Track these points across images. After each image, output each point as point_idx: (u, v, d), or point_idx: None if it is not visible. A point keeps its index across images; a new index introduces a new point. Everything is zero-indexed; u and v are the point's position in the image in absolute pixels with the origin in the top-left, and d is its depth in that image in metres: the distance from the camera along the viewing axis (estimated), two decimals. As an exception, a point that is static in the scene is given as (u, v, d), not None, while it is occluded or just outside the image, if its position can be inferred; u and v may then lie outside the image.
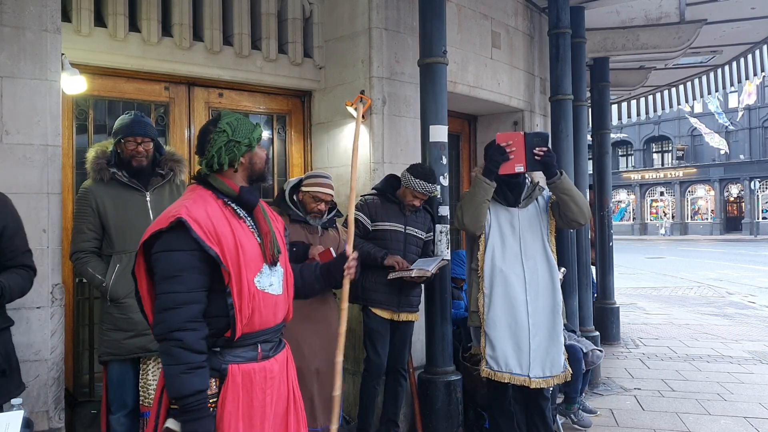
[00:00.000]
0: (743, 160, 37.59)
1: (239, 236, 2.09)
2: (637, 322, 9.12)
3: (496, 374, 3.60)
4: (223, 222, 2.08)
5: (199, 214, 2.03)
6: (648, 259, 20.93)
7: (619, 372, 6.24)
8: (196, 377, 1.96)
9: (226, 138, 2.15)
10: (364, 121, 4.52)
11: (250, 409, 2.10)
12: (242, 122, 2.20)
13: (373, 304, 3.98)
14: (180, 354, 1.95)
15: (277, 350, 2.24)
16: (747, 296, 12.01)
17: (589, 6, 6.18)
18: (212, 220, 2.05)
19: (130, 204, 3.22)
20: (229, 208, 2.14)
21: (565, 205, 3.59)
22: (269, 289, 2.15)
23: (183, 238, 1.99)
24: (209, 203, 2.11)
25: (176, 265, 1.99)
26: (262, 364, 2.14)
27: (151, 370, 3.20)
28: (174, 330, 1.95)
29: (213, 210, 2.09)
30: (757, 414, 4.93)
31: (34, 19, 3.28)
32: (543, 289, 3.65)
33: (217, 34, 4.37)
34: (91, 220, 3.20)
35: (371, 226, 3.99)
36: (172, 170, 3.37)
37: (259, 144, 2.22)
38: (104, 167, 3.22)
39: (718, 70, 9.39)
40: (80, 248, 3.21)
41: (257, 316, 2.11)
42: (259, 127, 2.24)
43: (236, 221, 2.13)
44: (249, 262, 2.08)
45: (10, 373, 2.65)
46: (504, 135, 3.55)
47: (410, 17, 4.70)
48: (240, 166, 2.19)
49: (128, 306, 3.13)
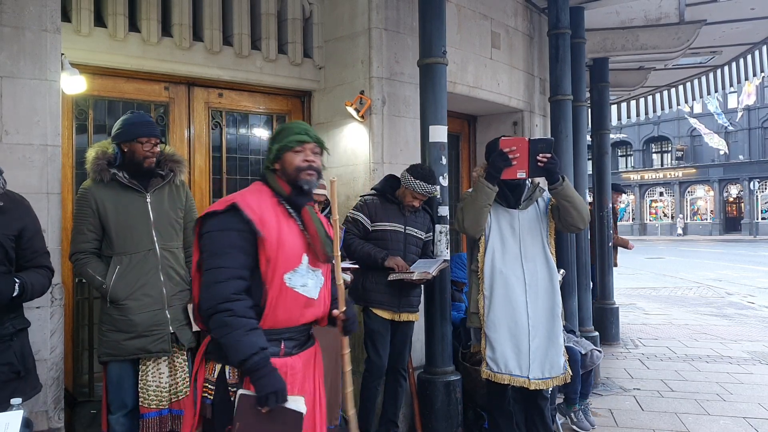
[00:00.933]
0: (742, 161, 37.62)
1: (283, 231, 2.21)
2: (637, 323, 9.12)
3: (496, 376, 3.60)
4: (271, 215, 2.21)
5: (253, 202, 2.20)
6: (647, 260, 20.95)
7: (619, 372, 6.24)
8: (255, 336, 2.07)
9: (272, 143, 2.33)
10: (363, 121, 4.53)
11: None
12: (288, 127, 2.35)
13: (374, 305, 3.98)
14: (233, 321, 2.07)
15: (302, 348, 2.30)
16: (746, 296, 12.01)
17: (588, 6, 6.18)
18: (262, 210, 2.19)
19: (130, 206, 3.19)
20: (282, 207, 2.27)
21: (565, 210, 3.58)
22: (301, 288, 2.23)
23: (235, 219, 2.14)
24: (264, 197, 2.26)
25: (224, 243, 2.14)
26: (284, 360, 2.20)
27: (151, 372, 3.19)
28: (222, 302, 2.08)
29: (265, 203, 2.24)
30: (756, 414, 4.93)
31: (33, 19, 3.28)
32: (542, 290, 3.65)
33: (217, 34, 4.37)
34: (91, 221, 3.17)
35: (371, 227, 4.00)
36: (171, 171, 3.34)
37: (293, 150, 2.28)
38: (105, 168, 3.18)
39: (717, 71, 9.39)
40: (80, 249, 3.19)
41: (282, 312, 2.20)
42: (293, 136, 2.30)
43: (285, 218, 2.26)
44: (286, 257, 2.20)
45: (26, 374, 2.67)
46: (508, 140, 3.52)
47: (410, 17, 4.70)
48: (278, 171, 2.31)
49: (128, 308, 3.12)
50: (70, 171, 3.93)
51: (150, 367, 3.20)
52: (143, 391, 3.18)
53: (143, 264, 3.16)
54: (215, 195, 4.56)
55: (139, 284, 3.14)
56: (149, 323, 3.13)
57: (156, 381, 3.19)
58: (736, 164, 37.87)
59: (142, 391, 3.18)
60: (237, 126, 4.78)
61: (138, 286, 3.14)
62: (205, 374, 2.23)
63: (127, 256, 3.16)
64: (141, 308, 3.13)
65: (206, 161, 4.52)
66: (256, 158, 4.84)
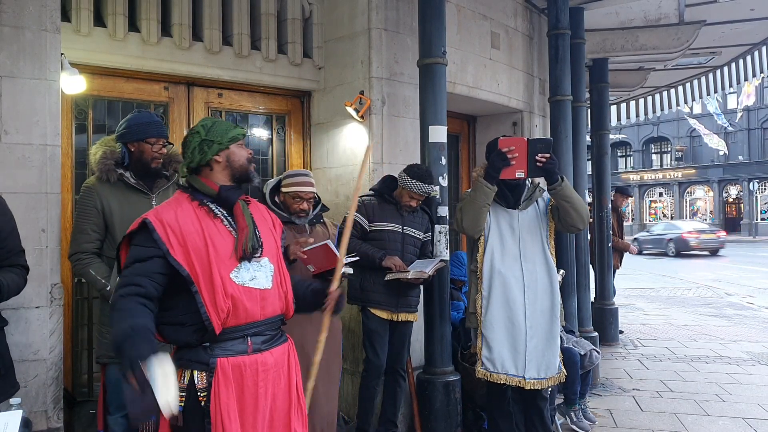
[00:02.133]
0: (742, 161, 37.62)
1: (210, 234, 2.16)
2: (636, 323, 9.12)
3: (492, 375, 3.61)
4: (191, 222, 2.16)
5: (167, 216, 2.14)
6: (647, 260, 20.93)
7: (618, 372, 6.25)
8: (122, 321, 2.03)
9: (200, 138, 2.24)
10: (363, 121, 4.53)
11: (242, 401, 2.13)
12: (218, 124, 2.28)
13: (372, 305, 3.98)
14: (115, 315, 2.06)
15: (272, 344, 2.25)
16: (745, 297, 12.02)
17: (588, 7, 6.18)
18: (179, 221, 2.14)
19: (136, 207, 3.13)
20: (204, 208, 2.21)
21: (564, 210, 3.59)
22: (251, 283, 2.19)
23: (146, 236, 2.13)
24: (181, 205, 2.20)
25: (132, 257, 2.13)
26: (253, 357, 2.17)
27: None
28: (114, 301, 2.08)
29: (183, 211, 2.18)
30: (755, 415, 4.93)
31: (33, 18, 3.28)
32: (541, 291, 3.65)
33: (217, 34, 4.37)
34: (95, 219, 3.12)
35: (369, 227, 4.00)
36: (176, 171, 3.30)
37: (238, 143, 2.28)
38: (112, 168, 3.13)
39: (717, 71, 9.40)
40: (82, 249, 3.13)
41: (241, 310, 2.15)
42: (238, 128, 2.31)
43: (209, 220, 2.20)
44: (222, 258, 2.15)
45: (5, 372, 2.64)
46: (507, 140, 3.52)
47: (410, 18, 4.70)
48: (216, 165, 2.25)
49: None
50: (70, 171, 3.93)
51: None
52: None
53: None
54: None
55: None
56: None
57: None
58: (735, 165, 37.86)
59: None
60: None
61: None
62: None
63: None
64: None
65: (206, 161, 4.52)
66: (256, 158, 4.81)
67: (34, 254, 3.21)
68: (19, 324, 3.17)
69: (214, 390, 2.08)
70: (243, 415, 2.13)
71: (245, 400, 2.14)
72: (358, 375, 4.17)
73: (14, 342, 3.13)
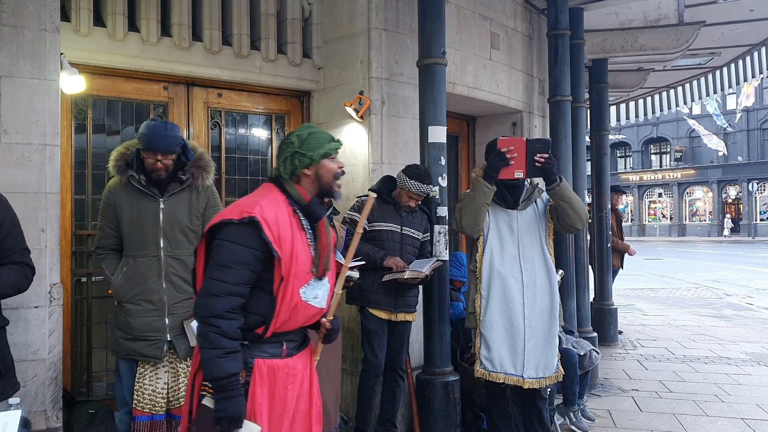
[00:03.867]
0: (741, 162, 37.66)
1: (297, 246, 2.17)
2: (635, 323, 9.12)
3: (491, 374, 3.61)
4: (287, 229, 2.16)
5: (270, 216, 2.12)
6: (646, 261, 20.95)
7: (617, 373, 6.25)
8: (230, 361, 2.07)
9: (293, 149, 2.23)
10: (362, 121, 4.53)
11: (272, 402, 2.19)
12: (314, 135, 2.26)
13: (371, 305, 3.99)
14: (216, 340, 2.06)
15: (300, 348, 2.32)
16: (745, 298, 12.03)
17: (588, 7, 6.19)
18: (279, 225, 2.14)
19: (143, 209, 3.19)
20: (296, 218, 2.22)
21: (563, 211, 3.59)
22: (313, 301, 2.25)
23: (251, 235, 2.09)
24: (281, 208, 2.19)
25: (234, 258, 2.09)
26: (285, 361, 2.23)
27: (148, 375, 3.19)
28: (214, 316, 2.06)
29: (282, 215, 2.17)
30: (754, 415, 4.94)
31: (33, 18, 3.28)
32: (540, 291, 3.65)
33: (216, 34, 4.37)
34: (111, 219, 3.25)
35: (368, 227, 4.00)
36: (192, 175, 3.25)
37: (330, 158, 2.27)
38: (123, 169, 3.19)
39: (716, 72, 9.40)
40: (100, 245, 3.30)
41: (291, 323, 2.21)
42: (333, 142, 2.28)
43: (299, 231, 2.21)
44: (299, 272, 2.18)
45: (6, 372, 2.65)
46: (506, 140, 3.53)
47: (409, 18, 4.70)
48: (305, 178, 2.25)
49: (128, 310, 3.15)
50: (69, 170, 3.93)
51: (148, 371, 3.19)
52: (138, 393, 3.18)
53: (147, 269, 3.17)
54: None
55: (139, 289, 3.16)
56: (145, 328, 3.14)
57: (152, 385, 3.19)
58: (734, 165, 37.90)
59: (137, 393, 3.18)
60: (236, 126, 4.78)
61: (138, 291, 3.16)
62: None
63: (134, 259, 3.19)
64: (139, 312, 3.15)
65: (205, 161, 4.52)
66: (255, 158, 4.84)
67: (34, 254, 3.17)
68: (19, 324, 3.17)
69: (251, 389, 2.14)
70: (271, 415, 2.19)
71: (275, 401, 2.20)
72: (357, 375, 4.17)
73: (13, 342, 3.13)
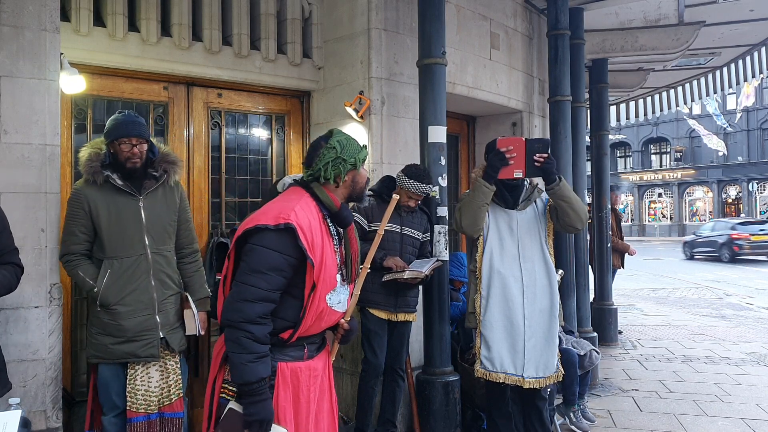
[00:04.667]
0: (741, 162, 37.63)
1: (326, 253, 2.20)
2: (635, 323, 9.12)
3: (491, 374, 3.61)
4: (318, 236, 2.19)
5: (305, 223, 2.15)
6: (646, 261, 20.95)
7: (617, 373, 6.25)
8: (261, 365, 2.09)
9: (335, 154, 2.26)
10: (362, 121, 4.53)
11: (297, 404, 2.22)
12: (351, 142, 2.32)
13: (371, 305, 3.99)
14: (249, 344, 2.07)
15: (320, 349, 2.36)
16: (745, 298, 12.03)
17: (588, 7, 6.19)
18: (312, 232, 2.16)
19: (123, 209, 3.16)
20: (326, 224, 2.25)
21: (562, 211, 3.59)
22: (337, 306, 2.28)
23: (286, 242, 2.12)
24: (313, 214, 2.22)
25: (268, 263, 2.10)
26: (307, 363, 2.26)
27: (140, 376, 3.17)
28: (247, 321, 2.08)
29: (314, 222, 2.20)
30: (754, 415, 4.94)
31: (33, 18, 3.28)
32: (540, 291, 3.65)
33: (216, 34, 4.37)
34: (83, 222, 3.14)
35: (368, 227, 4.00)
36: (165, 171, 3.29)
37: (363, 165, 2.34)
38: (98, 170, 3.14)
39: (716, 72, 9.40)
40: (71, 251, 3.16)
41: (315, 327, 2.24)
42: (365, 150, 2.35)
43: (328, 238, 2.24)
44: (327, 278, 2.20)
45: None
46: (505, 140, 3.54)
47: (409, 18, 4.70)
48: (343, 183, 2.29)
49: (119, 312, 3.11)
50: (69, 171, 3.92)
51: (139, 371, 3.17)
52: (131, 395, 3.16)
53: (134, 269, 3.15)
54: (214, 195, 4.56)
55: (129, 289, 3.13)
56: (139, 328, 3.12)
57: (145, 385, 3.17)
58: (734, 165, 37.88)
59: (130, 395, 3.16)
60: (236, 126, 4.78)
61: (128, 291, 3.13)
62: (225, 376, 2.23)
63: (119, 261, 3.14)
64: (131, 313, 3.12)
65: (205, 161, 4.52)
66: (255, 158, 4.84)
67: (33, 254, 3.22)
68: (18, 324, 3.17)
69: (275, 392, 2.16)
70: (297, 417, 2.22)
71: (300, 403, 2.23)
72: (357, 375, 4.17)
73: (13, 342, 3.14)
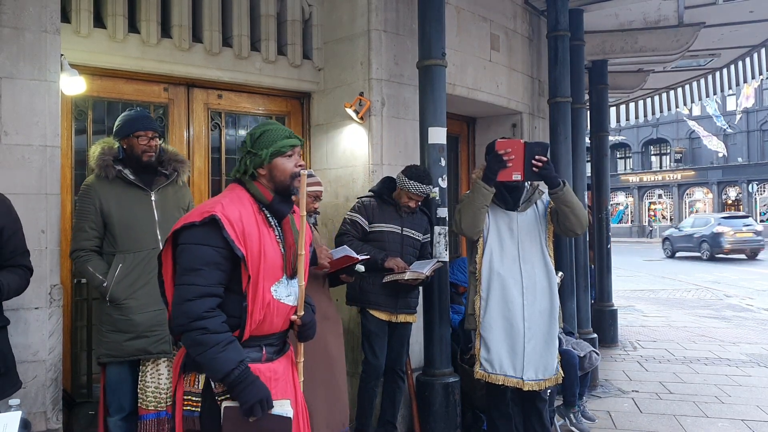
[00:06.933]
0: (741, 163, 37.62)
1: (265, 243, 2.13)
2: (635, 325, 9.12)
3: (490, 376, 3.61)
4: (253, 226, 2.12)
5: (232, 214, 2.08)
6: (646, 262, 20.94)
7: (617, 374, 6.25)
8: (231, 352, 2.02)
9: (245, 149, 2.21)
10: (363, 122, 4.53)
11: None
12: (267, 134, 2.19)
13: (371, 306, 3.99)
14: (207, 339, 2.01)
15: (280, 353, 2.28)
16: (745, 299, 12.02)
17: (587, 9, 6.19)
18: (243, 222, 2.09)
19: (135, 203, 3.19)
20: (263, 215, 2.18)
21: (564, 215, 3.59)
22: (285, 299, 2.21)
23: (213, 234, 2.05)
24: (245, 205, 2.15)
25: (201, 259, 2.04)
26: (267, 365, 2.18)
27: (150, 373, 3.18)
28: (195, 319, 2.01)
29: (247, 212, 2.13)
30: (754, 417, 4.93)
31: (33, 19, 3.28)
32: (540, 293, 3.65)
33: (217, 35, 4.37)
34: (94, 218, 3.16)
35: (369, 228, 4.00)
36: (175, 170, 3.35)
37: (286, 155, 2.19)
38: (110, 164, 3.19)
39: (716, 73, 9.41)
40: (81, 246, 3.18)
41: (267, 323, 2.17)
42: (287, 139, 2.20)
43: (266, 228, 2.17)
44: (269, 269, 2.13)
45: (6, 371, 2.65)
46: (504, 142, 3.54)
47: (409, 19, 4.70)
48: (261, 177, 2.20)
49: (129, 307, 3.12)
50: (69, 172, 3.92)
51: (149, 368, 3.19)
52: (142, 392, 3.17)
53: (146, 263, 3.15)
54: (214, 196, 4.55)
55: (141, 283, 3.14)
56: (150, 323, 3.13)
57: (155, 382, 3.18)
58: (734, 167, 37.86)
59: (140, 393, 3.17)
60: (236, 127, 4.78)
61: (140, 286, 3.14)
62: (185, 387, 2.15)
63: (131, 255, 3.16)
64: (142, 308, 3.12)
65: (205, 162, 4.52)
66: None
67: (34, 255, 3.19)
68: (19, 325, 3.17)
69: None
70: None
71: None
72: (357, 376, 4.17)
73: (14, 343, 3.11)
